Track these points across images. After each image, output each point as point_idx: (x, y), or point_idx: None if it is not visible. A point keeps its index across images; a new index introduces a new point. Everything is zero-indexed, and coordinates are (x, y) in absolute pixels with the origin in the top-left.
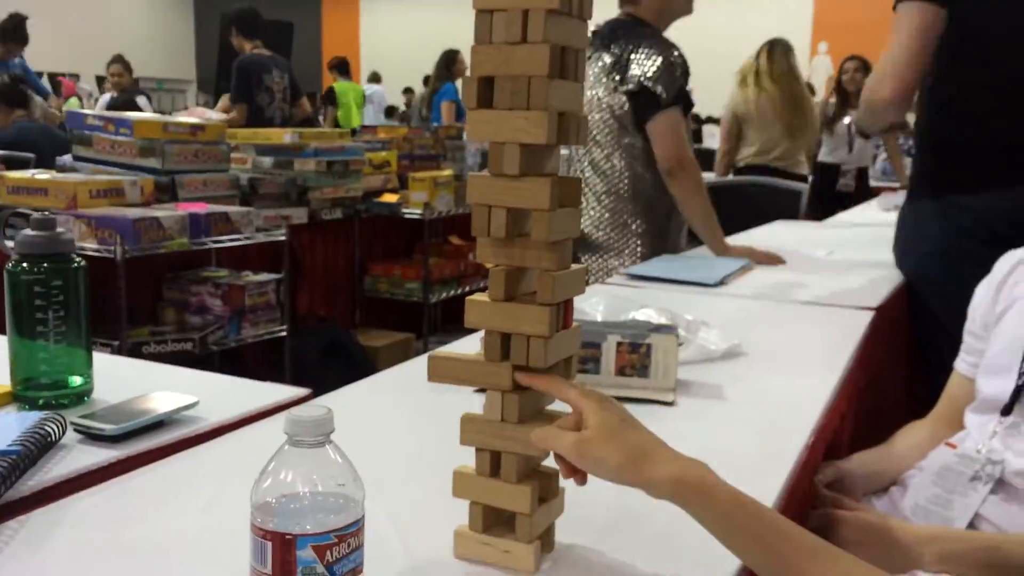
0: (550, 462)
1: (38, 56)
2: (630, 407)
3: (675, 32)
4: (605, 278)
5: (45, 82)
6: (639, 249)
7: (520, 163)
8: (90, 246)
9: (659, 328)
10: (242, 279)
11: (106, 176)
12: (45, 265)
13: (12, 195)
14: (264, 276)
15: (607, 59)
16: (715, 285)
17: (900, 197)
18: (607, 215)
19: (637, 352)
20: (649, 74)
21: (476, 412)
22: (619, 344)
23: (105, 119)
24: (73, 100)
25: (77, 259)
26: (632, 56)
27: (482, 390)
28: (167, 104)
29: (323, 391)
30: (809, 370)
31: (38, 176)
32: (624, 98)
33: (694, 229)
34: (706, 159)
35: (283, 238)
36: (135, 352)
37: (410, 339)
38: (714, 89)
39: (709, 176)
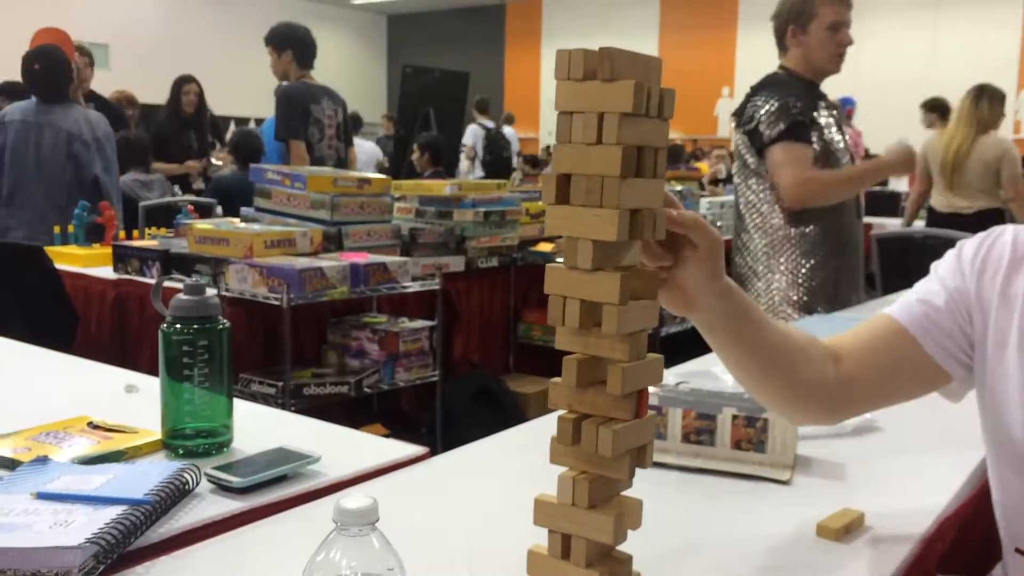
0: (623, 548)
1: (237, 103)
2: (742, 483)
3: (871, 57)
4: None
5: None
6: (783, 288)
7: (592, 258)
8: (261, 292)
9: None
10: (398, 326)
11: (280, 228)
12: (195, 327)
13: (199, 244)
14: (419, 323)
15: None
16: None
17: None
18: (748, 255)
19: (754, 427)
20: (759, 115)
21: (551, 493)
22: (735, 417)
23: (283, 174)
24: None
25: (223, 321)
26: (751, 100)
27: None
28: None
29: (469, 435)
30: (945, 452)
31: (221, 228)
32: (746, 138)
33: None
34: (891, 202)
35: (437, 287)
36: (297, 393)
37: None
38: (907, 118)
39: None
